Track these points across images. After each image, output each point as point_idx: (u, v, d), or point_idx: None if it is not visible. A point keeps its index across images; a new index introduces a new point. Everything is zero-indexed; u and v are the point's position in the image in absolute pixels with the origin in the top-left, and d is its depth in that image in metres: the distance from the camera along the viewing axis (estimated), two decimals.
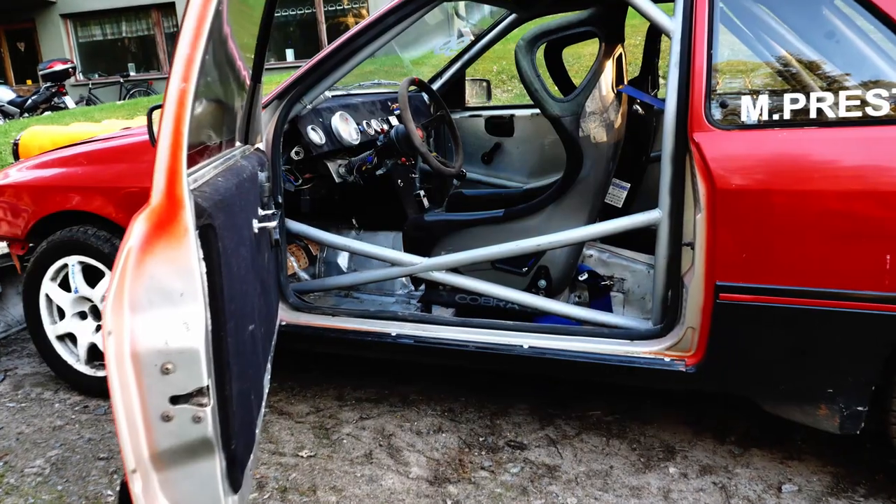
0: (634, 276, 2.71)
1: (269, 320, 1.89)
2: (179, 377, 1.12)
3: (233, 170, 1.59)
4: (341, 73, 2.41)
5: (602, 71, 2.24)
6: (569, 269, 2.46)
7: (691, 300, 1.97)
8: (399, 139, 2.63)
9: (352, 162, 2.77)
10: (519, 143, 3.66)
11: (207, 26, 1.12)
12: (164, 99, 1.11)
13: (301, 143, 2.60)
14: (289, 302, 2.47)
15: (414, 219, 2.55)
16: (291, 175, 2.66)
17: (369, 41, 2.32)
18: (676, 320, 2.06)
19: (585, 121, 2.21)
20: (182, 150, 1.10)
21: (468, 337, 2.25)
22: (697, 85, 1.90)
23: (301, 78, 2.37)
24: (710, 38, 1.92)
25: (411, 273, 2.42)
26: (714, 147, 1.87)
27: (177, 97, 1.10)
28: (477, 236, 2.45)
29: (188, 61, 1.10)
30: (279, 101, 2.40)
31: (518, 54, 2.14)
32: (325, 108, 2.77)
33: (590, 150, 2.25)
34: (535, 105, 2.18)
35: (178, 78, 1.10)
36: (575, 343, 2.15)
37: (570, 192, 2.32)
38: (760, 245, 1.84)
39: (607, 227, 2.17)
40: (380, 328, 2.35)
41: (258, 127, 2.18)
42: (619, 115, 2.35)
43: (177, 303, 1.11)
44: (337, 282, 2.64)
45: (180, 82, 1.10)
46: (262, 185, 1.91)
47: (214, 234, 1.18)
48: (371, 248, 2.47)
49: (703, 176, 1.88)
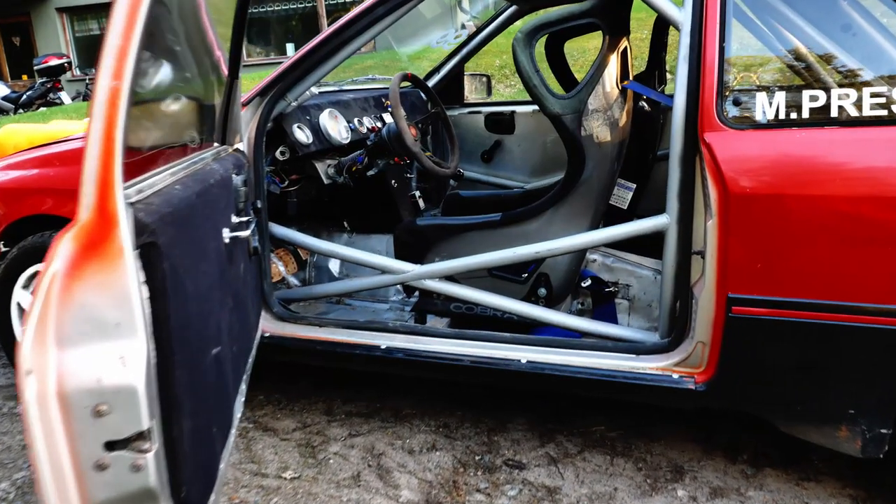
0: (640, 283, 2.57)
1: (243, 337, 1.75)
2: (115, 420, 0.98)
3: (198, 175, 1.45)
4: (328, 68, 2.27)
5: (606, 66, 2.09)
6: (570, 277, 2.32)
7: (701, 313, 1.83)
8: (391, 138, 2.48)
9: (341, 162, 2.63)
10: (520, 140, 3.51)
11: (144, 11, 0.98)
12: (92, 99, 0.96)
13: (286, 142, 2.46)
14: (273, 311, 2.34)
15: (405, 223, 2.41)
16: (277, 176, 2.52)
17: (357, 34, 2.17)
18: (685, 334, 1.92)
19: (588, 119, 2.06)
20: (115, 157, 0.96)
21: (462, 350, 2.11)
22: (708, 81, 1.76)
23: (284, 73, 2.23)
24: (723, 29, 1.77)
25: (402, 281, 2.28)
26: (726, 148, 1.72)
27: (107, 97, 0.96)
28: (473, 242, 2.31)
29: (120, 54, 0.96)
30: (261, 99, 2.26)
31: (516, 48, 1.99)
32: (312, 106, 2.63)
33: (592, 150, 2.10)
34: (534, 101, 2.04)
35: (108, 74, 0.96)
36: (576, 358, 2.01)
37: (571, 194, 2.18)
38: (777, 254, 1.70)
39: (610, 233, 2.03)
40: (369, 340, 2.21)
41: (237, 126, 2.04)
42: (623, 113, 2.20)
43: (111, 335, 0.97)
44: (323, 290, 2.51)
45: (111, 80, 0.96)
46: (238, 190, 1.77)
47: (159, 253, 1.04)
48: (359, 254, 2.33)
49: (714, 179, 1.73)
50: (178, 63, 1.60)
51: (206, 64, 1.84)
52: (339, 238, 3.00)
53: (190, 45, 1.68)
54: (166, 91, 1.48)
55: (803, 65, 1.78)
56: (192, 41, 1.70)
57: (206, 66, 1.85)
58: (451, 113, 3.60)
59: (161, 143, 1.38)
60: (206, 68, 1.78)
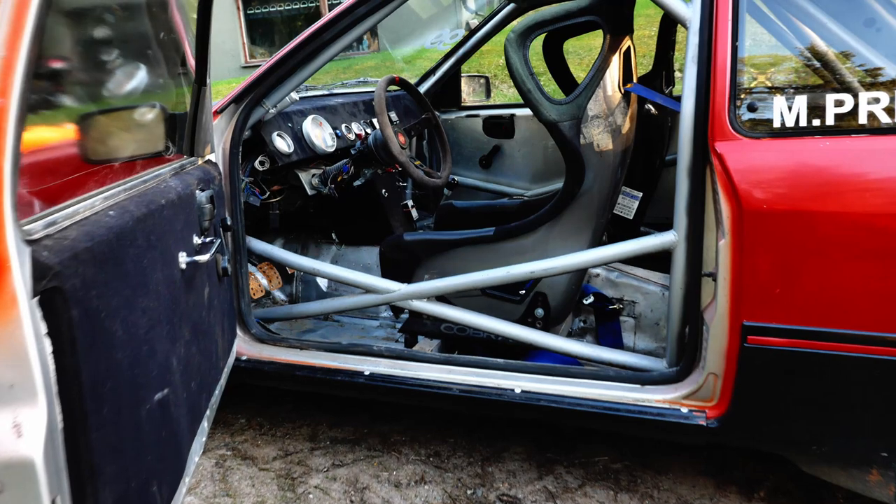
0: (647, 299, 2.40)
1: (207, 370, 1.59)
2: (9, 499, 0.82)
3: (145, 196, 1.29)
4: (308, 73, 2.10)
5: (607, 67, 1.92)
6: (570, 297, 2.14)
7: (713, 341, 1.65)
8: (377, 146, 2.32)
9: (326, 171, 2.47)
10: (520, 145, 3.34)
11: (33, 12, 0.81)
12: None
13: (266, 151, 2.30)
14: (251, 332, 2.18)
15: (391, 239, 2.24)
16: (256, 188, 2.36)
17: (338, 35, 2.01)
18: (695, 363, 1.74)
19: (587, 126, 1.88)
20: (3, 190, 0.80)
21: (451, 378, 1.95)
22: (720, 83, 1.58)
23: (261, 79, 2.06)
24: (735, 26, 1.59)
25: (388, 302, 2.12)
26: (740, 158, 1.55)
27: None
28: (465, 258, 2.14)
29: (5, 67, 0.80)
30: (236, 106, 2.10)
31: (508, 49, 1.82)
32: (295, 112, 2.47)
33: (593, 159, 1.93)
34: (528, 107, 1.87)
35: None
36: (574, 387, 1.84)
37: (570, 207, 2.00)
38: (797, 278, 1.52)
39: (612, 252, 1.85)
40: (351, 366, 2.05)
41: (207, 136, 1.88)
42: (627, 119, 2.03)
43: (5, 399, 0.81)
44: (304, 310, 2.34)
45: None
46: (202, 208, 1.61)
47: (65, 299, 0.88)
48: (342, 272, 2.17)
49: (726, 194, 1.56)
50: (128, 68, 1.44)
51: (167, 68, 1.68)
52: (327, 250, 2.84)
53: (146, 46, 1.52)
54: (107, 101, 1.32)
55: (827, 65, 1.60)
56: (148, 43, 1.54)
57: (169, 71, 1.69)
58: (448, 116, 3.44)
59: (99, 160, 1.22)
60: (166, 73, 1.62)
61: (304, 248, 2.88)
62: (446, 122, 3.44)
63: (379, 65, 7.98)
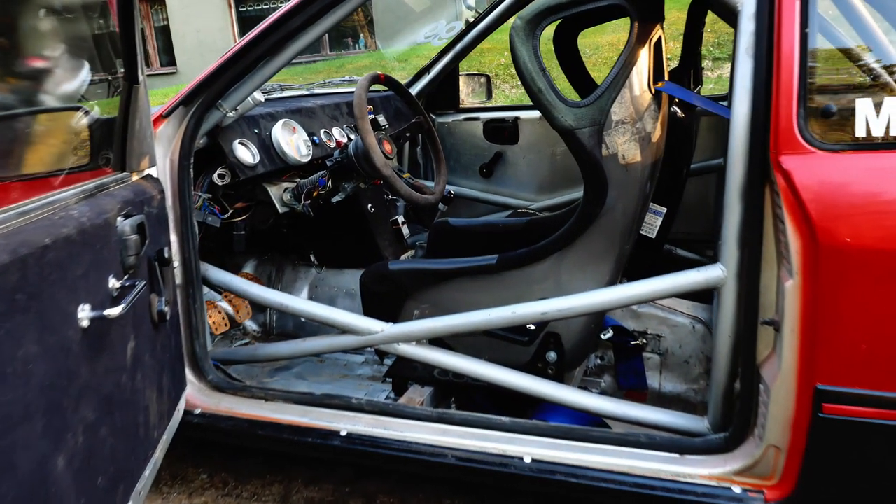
0: (675, 333, 2.06)
1: (126, 455, 1.24)
2: None
3: (22, 233, 0.94)
4: (273, 68, 1.76)
5: (634, 62, 1.56)
6: (588, 337, 1.80)
7: (775, 407, 1.30)
8: (358, 156, 1.97)
9: (300, 185, 2.12)
10: (525, 151, 3.00)
11: None
12: None
13: (226, 163, 1.95)
14: (207, 380, 1.83)
15: (374, 269, 1.88)
16: (216, 205, 2.01)
17: (307, 24, 1.66)
18: (749, 430, 1.40)
19: (611, 133, 1.53)
20: None
21: (447, 441, 1.60)
22: (785, 81, 1.24)
23: (214, 76, 1.71)
24: (805, 9, 1.24)
25: (369, 344, 1.77)
26: (813, 176, 1.21)
27: None
28: (462, 290, 1.80)
29: None
30: (185, 109, 1.75)
31: (514, 39, 1.47)
32: (263, 115, 2.12)
33: (617, 173, 1.57)
34: (539, 110, 1.52)
35: None
36: (598, 457, 1.49)
37: (588, 231, 1.65)
38: (892, 332, 1.17)
39: (642, 290, 1.51)
40: (326, 424, 1.70)
41: (143, 147, 1.53)
42: (657, 124, 1.68)
43: None
44: (269, 353, 1.98)
45: None
46: (124, 240, 1.27)
47: None
48: (315, 309, 1.82)
49: (795, 222, 1.21)
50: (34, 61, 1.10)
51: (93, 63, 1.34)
52: (305, 274, 2.49)
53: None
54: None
55: None
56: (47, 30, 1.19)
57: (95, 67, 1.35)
58: (445, 120, 3.09)
59: None
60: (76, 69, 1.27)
61: (279, 270, 2.54)
62: (443, 125, 3.10)
63: (374, 64, 7.61)
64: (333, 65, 7.73)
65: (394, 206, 2.55)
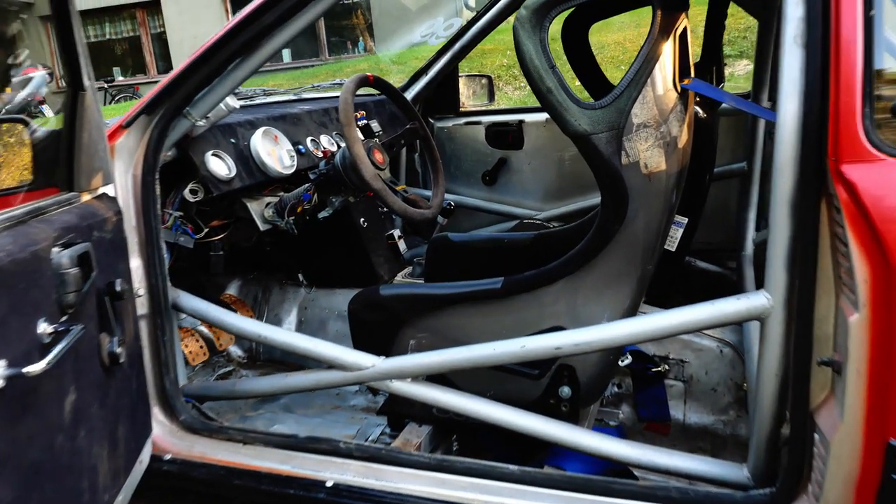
0: (700, 358, 1.87)
1: None
2: None
3: None
4: (247, 71, 1.56)
5: (657, 57, 1.35)
6: (606, 368, 1.59)
7: (836, 463, 1.09)
8: (346, 167, 1.77)
9: (283, 200, 1.92)
10: (530, 157, 2.82)
11: None
12: None
13: (198, 177, 1.75)
14: (179, 420, 1.63)
15: (364, 294, 1.67)
16: (189, 224, 1.81)
17: (283, 19, 1.46)
18: (800, 486, 1.19)
19: (631, 139, 1.32)
20: None
21: (446, 494, 1.40)
22: (847, 75, 1.04)
23: (178, 80, 1.51)
24: None
25: (359, 381, 1.56)
26: (884, 189, 1.00)
27: None
28: (463, 317, 1.59)
29: None
30: (148, 118, 1.55)
31: (519, 32, 1.27)
32: (241, 123, 1.93)
33: (638, 184, 1.36)
34: (548, 113, 1.32)
35: None
36: None
37: (606, 250, 1.44)
38: None
39: (672, 321, 1.30)
40: (310, 472, 1.50)
41: (93, 162, 1.34)
42: (684, 127, 1.47)
43: None
44: (249, 389, 1.77)
45: None
46: (62, 276, 1.07)
47: None
48: (295, 340, 1.61)
49: (861, 243, 1.01)
50: None
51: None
52: (294, 295, 2.29)
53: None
54: None
55: None
56: None
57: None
58: (444, 124, 2.90)
59: None
60: None
61: (265, 291, 2.34)
62: (442, 130, 2.90)
63: (371, 67, 7.39)
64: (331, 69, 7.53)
65: (389, 220, 2.35)
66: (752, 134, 2.38)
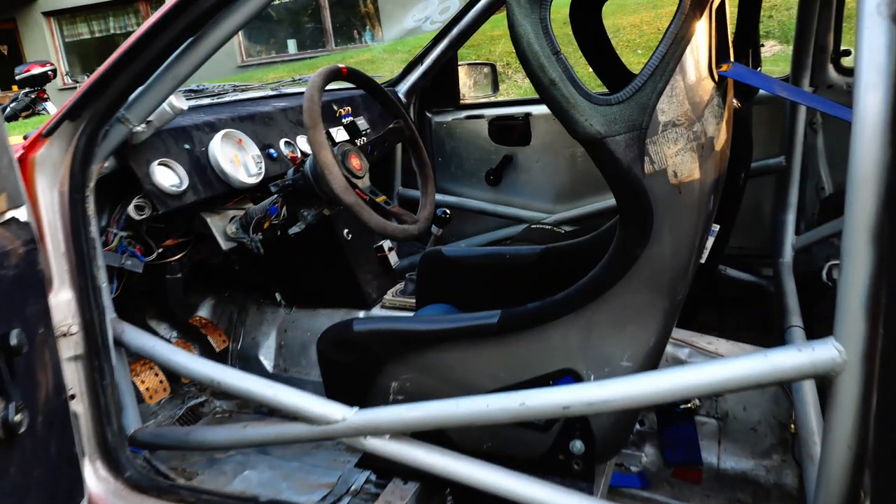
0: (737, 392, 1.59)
1: None
2: None
3: None
4: (191, 64, 1.30)
5: (688, 37, 1.07)
6: (625, 418, 1.32)
7: None
8: (316, 176, 1.51)
9: (249, 213, 1.67)
10: (539, 154, 2.60)
11: None
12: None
13: (143, 191, 1.50)
14: (124, 476, 1.39)
15: (333, 332, 1.40)
16: (138, 245, 1.56)
17: (227, 2, 1.19)
18: None
19: (657, 141, 1.05)
20: None
21: None
22: None
23: (104, 80, 1.26)
24: None
25: (328, 437, 1.30)
26: None
27: None
28: (453, 357, 1.33)
29: None
30: (73, 125, 1.30)
31: (513, 11, 1.00)
32: (199, 125, 1.68)
33: (666, 197, 1.09)
34: (552, 110, 1.04)
35: None
36: None
37: (626, 277, 1.17)
38: None
39: (713, 376, 1.02)
40: None
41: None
42: (722, 124, 1.19)
43: None
44: (202, 439, 1.51)
45: None
46: None
47: None
48: (255, 386, 1.35)
49: None
50: None
51: None
52: (272, 316, 2.05)
53: None
54: None
55: None
56: None
57: None
58: (443, 119, 2.65)
59: None
60: None
61: (241, 311, 2.10)
62: (441, 125, 2.65)
63: (375, 57, 7.07)
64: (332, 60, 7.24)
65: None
66: (792, 124, 2.11)
